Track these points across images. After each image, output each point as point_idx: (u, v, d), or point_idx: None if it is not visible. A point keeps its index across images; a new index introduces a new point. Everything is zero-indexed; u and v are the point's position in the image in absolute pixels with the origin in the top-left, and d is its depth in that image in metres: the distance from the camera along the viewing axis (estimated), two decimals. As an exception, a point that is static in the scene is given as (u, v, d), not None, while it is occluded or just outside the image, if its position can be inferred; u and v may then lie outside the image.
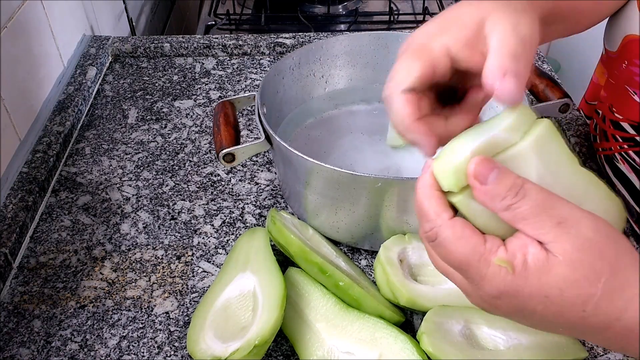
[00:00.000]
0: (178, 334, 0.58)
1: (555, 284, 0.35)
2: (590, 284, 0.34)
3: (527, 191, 0.35)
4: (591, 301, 0.35)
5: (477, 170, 0.36)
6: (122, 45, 0.99)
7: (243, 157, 0.63)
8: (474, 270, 0.36)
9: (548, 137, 0.38)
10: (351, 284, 0.56)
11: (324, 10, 1.28)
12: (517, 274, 0.35)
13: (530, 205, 0.35)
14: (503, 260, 0.35)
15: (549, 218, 0.35)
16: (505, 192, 0.35)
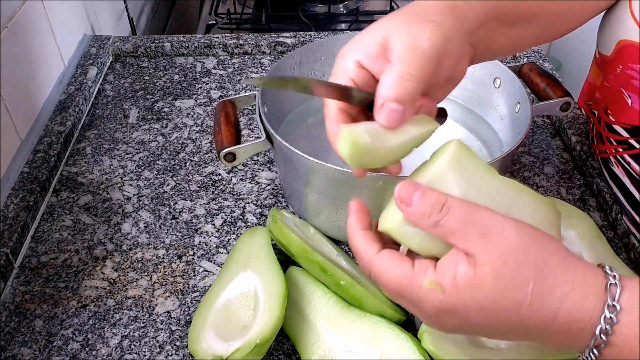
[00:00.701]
0: (179, 333, 0.58)
1: (487, 295, 0.37)
2: (518, 290, 0.36)
3: (451, 206, 0.38)
4: (523, 305, 0.36)
5: (401, 193, 0.38)
6: (122, 44, 0.99)
7: (244, 157, 0.63)
8: (408, 295, 0.39)
9: (460, 154, 0.41)
10: (352, 283, 0.56)
11: (324, 9, 1.28)
12: (447, 293, 0.37)
13: (455, 218, 0.37)
14: (432, 282, 0.37)
15: (474, 229, 0.37)
16: (430, 209, 0.38)
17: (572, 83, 1.02)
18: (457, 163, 0.40)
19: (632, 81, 0.62)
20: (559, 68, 1.77)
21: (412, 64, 0.41)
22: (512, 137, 0.68)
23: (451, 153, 0.40)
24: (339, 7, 1.29)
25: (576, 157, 0.77)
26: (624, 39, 0.61)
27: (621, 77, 0.64)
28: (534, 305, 0.36)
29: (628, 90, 0.63)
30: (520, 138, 0.60)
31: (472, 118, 0.76)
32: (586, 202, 0.72)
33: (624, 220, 0.67)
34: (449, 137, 0.75)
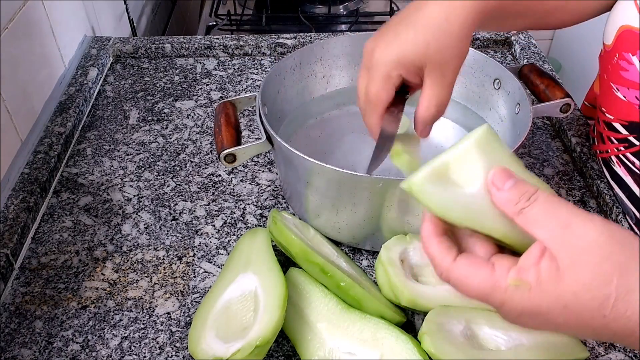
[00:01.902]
0: (179, 335, 0.58)
1: (569, 289, 0.36)
2: (602, 285, 0.35)
3: (538, 196, 0.38)
4: (608, 304, 0.35)
5: (495, 178, 0.40)
6: (123, 46, 0.99)
7: (244, 158, 0.63)
8: (492, 299, 0.39)
9: (488, 138, 0.41)
10: (352, 285, 0.56)
11: (324, 10, 1.28)
12: (533, 290, 0.37)
13: (539, 208, 0.38)
14: (517, 280, 0.37)
15: (556, 221, 0.37)
16: (519, 197, 0.38)
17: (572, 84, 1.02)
18: (484, 146, 0.41)
19: (621, 72, 0.62)
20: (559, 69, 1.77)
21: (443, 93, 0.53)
22: (512, 138, 0.68)
23: (479, 136, 0.41)
24: (339, 8, 1.29)
25: (576, 159, 0.77)
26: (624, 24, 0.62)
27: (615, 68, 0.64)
28: (618, 306, 0.35)
29: (617, 84, 0.64)
30: (521, 139, 0.60)
31: (472, 119, 0.76)
32: (586, 203, 0.72)
33: (625, 221, 0.67)
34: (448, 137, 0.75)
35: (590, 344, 0.57)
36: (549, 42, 1.85)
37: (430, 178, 0.41)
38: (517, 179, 0.39)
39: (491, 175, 0.40)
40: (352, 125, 0.77)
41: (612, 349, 0.56)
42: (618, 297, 0.35)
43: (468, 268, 0.39)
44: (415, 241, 0.61)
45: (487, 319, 0.55)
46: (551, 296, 0.36)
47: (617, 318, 0.35)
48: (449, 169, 0.41)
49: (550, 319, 0.37)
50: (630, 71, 0.62)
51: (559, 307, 0.36)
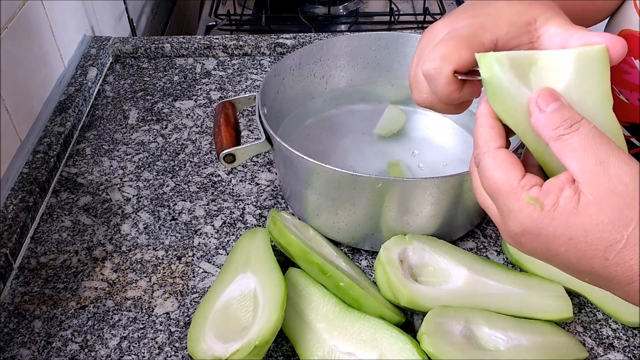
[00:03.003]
0: (179, 335, 0.58)
1: (581, 225, 0.35)
2: (615, 229, 0.34)
3: (581, 126, 0.36)
4: (615, 248, 0.35)
5: (539, 99, 0.37)
6: (122, 45, 0.99)
7: (243, 158, 0.63)
8: (503, 201, 0.38)
9: (596, 59, 0.38)
10: (352, 285, 0.56)
11: (324, 10, 1.28)
12: (544, 213, 0.36)
13: (579, 138, 0.36)
14: (533, 198, 0.36)
15: (593, 155, 0.35)
16: (560, 122, 0.36)
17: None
18: (585, 64, 0.38)
19: (624, 76, 0.63)
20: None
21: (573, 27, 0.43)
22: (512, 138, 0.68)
23: (588, 51, 0.38)
24: (338, 8, 1.29)
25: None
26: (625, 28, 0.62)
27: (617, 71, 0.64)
28: (624, 252, 0.34)
29: (619, 87, 0.64)
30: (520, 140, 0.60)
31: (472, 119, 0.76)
32: (586, 204, 0.72)
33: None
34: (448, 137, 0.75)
35: (589, 345, 0.57)
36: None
37: (510, 62, 0.38)
38: (564, 103, 0.37)
39: (535, 95, 0.37)
40: (351, 125, 0.77)
41: (612, 349, 0.56)
42: (627, 244, 0.34)
43: (502, 161, 0.38)
44: (414, 241, 0.61)
45: (486, 319, 0.55)
46: (560, 225, 0.36)
47: (618, 263, 0.35)
48: (534, 66, 0.38)
49: (552, 246, 0.37)
50: (633, 74, 0.62)
51: (565, 237, 0.36)
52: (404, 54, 0.76)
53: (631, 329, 0.58)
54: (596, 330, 0.58)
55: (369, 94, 0.79)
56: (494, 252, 0.65)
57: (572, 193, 0.35)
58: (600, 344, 0.57)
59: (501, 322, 0.55)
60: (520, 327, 0.55)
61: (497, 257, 0.65)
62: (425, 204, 0.59)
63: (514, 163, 0.38)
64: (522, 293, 0.58)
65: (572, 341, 0.55)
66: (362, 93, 0.79)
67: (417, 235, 0.62)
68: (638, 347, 0.57)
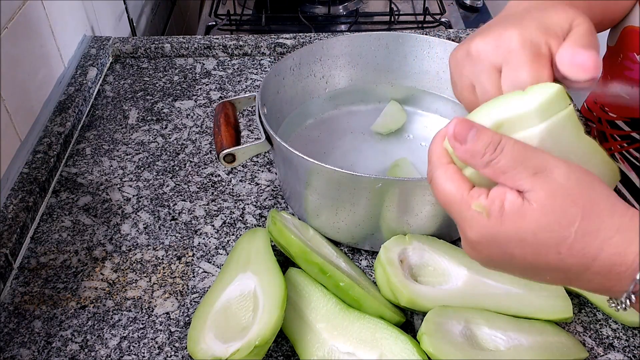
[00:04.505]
0: (178, 335, 0.58)
1: (529, 229, 0.37)
2: (562, 228, 0.36)
3: (504, 146, 0.38)
4: (565, 243, 0.36)
5: (456, 131, 0.39)
6: (122, 45, 0.99)
7: (243, 158, 0.63)
8: (456, 212, 0.39)
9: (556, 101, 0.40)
10: (352, 285, 0.56)
11: (324, 10, 1.28)
12: (493, 218, 0.38)
13: (507, 159, 0.37)
14: (480, 205, 0.38)
15: (525, 169, 0.37)
16: (484, 149, 0.38)
17: (572, 85, 1.02)
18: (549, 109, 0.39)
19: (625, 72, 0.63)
20: (559, 70, 1.77)
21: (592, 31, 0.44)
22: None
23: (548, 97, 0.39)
24: (338, 8, 1.29)
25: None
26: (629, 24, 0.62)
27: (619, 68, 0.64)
28: (575, 245, 0.36)
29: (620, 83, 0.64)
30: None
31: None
32: (586, 203, 0.72)
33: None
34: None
35: (589, 345, 0.57)
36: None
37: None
38: (479, 127, 0.38)
39: (451, 128, 0.39)
40: (351, 125, 0.77)
41: (612, 349, 0.56)
42: (576, 238, 0.36)
43: (452, 175, 0.40)
44: (414, 241, 0.61)
45: (486, 319, 0.55)
46: (510, 229, 0.37)
47: (572, 255, 0.37)
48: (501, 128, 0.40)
49: (507, 249, 0.38)
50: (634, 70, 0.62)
51: (516, 239, 0.37)
52: (404, 54, 0.76)
53: (631, 329, 0.58)
54: (596, 330, 0.58)
55: (369, 94, 0.79)
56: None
57: (515, 196, 0.37)
58: (600, 344, 0.57)
59: (501, 322, 0.55)
60: (520, 327, 0.55)
61: (497, 257, 0.65)
62: (425, 204, 0.59)
63: (462, 178, 0.40)
64: (522, 293, 0.58)
65: (572, 341, 0.55)
66: (362, 93, 0.79)
67: (417, 235, 0.62)
68: (638, 347, 0.57)
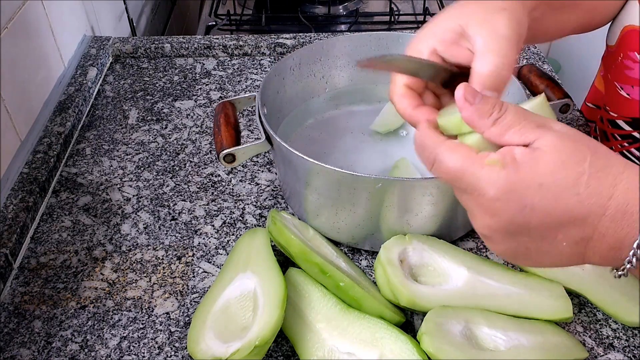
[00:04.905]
0: (178, 335, 0.58)
1: (546, 169, 0.37)
2: (576, 163, 0.37)
3: (508, 106, 0.40)
4: (582, 179, 0.37)
5: (465, 93, 0.40)
6: (122, 45, 0.99)
7: (243, 158, 0.63)
8: (469, 175, 0.39)
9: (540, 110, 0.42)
10: (352, 285, 0.56)
11: (324, 10, 1.28)
12: (508, 168, 0.38)
13: (512, 115, 0.39)
14: (493, 160, 0.39)
15: (529, 123, 0.39)
16: (491, 108, 0.40)
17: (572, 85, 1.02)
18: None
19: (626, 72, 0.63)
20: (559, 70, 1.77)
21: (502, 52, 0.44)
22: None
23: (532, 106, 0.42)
24: (338, 8, 1.29)
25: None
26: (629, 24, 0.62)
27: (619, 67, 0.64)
28: (591, 182, 0.37)
29: (621, 83, 0.64)
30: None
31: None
32: (586, 203, 0.72)
33: None
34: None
35: (589, 345, 0.57)
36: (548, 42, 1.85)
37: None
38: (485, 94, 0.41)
39: (460, 91, 0.40)
40: (351, 125, 0.77)
41: (612, 349, 0.56)
42: (591, 174, 0.37)
43: (455, 146, 0.41)
44: (414, 241, 0.61)
45: (486, 319, 0.55)
46: (527, 174, 0.38)
47: (590, 194, 0.37)
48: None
49: (526, 200, 0.38)
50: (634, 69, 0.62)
51: (534, 185, 0.38)
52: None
53: (631, 329, 0.58)
54: (596, 330, 0.58)
55: (369, 94, 0.79)
56: (493, 252, 0.65)
57: (523, 148, 0.38)
58: (600, 344, 0.57)
59: (501, 322, 0.55)
60: (520, 327, 0.55)
61: (497, 257, 0.65)
62: (425, 204, 0.59)
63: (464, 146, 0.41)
64: (522, 293, 0.58)
65: (572, 341, 0.55)
66: (362, 93, 0.79)
67: (417, 235, 0.62)
68: (638, 347, 0.57)
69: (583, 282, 0.59)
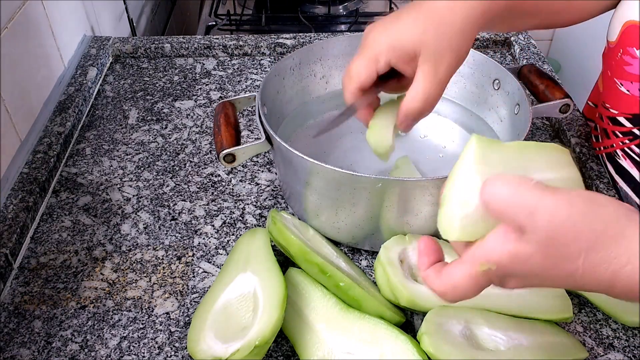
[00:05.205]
0: (178, 335, 0.58)
1: (537, 267, 0.37)
2: (569, 262, 0.37)
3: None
4: (576, 274, 0.37)
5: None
6: (122, 45, 0.99)
7: (243, 158, 0.63)
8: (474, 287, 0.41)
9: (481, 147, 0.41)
10: (352, 285, 0.56)
11: (324, 10, 1.28)
12: (498, 267, 0.39)
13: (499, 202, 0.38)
14: (483, 263, 0.39)
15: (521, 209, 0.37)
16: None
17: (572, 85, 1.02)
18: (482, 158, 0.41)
19: (625, 68, 0.63)
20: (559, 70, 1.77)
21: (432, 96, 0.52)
22: (512, 138, 0.68)
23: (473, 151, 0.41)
24: (338, 8, 1.29)
25: (575, 159, 0.77)
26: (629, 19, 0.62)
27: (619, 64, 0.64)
28: (586, 276, 0.37)
29: (621, 79, 0.64)
30: (520, 140, 0.60)
31: (472, 119, 0.76)
32: (585, 203, 0.72)
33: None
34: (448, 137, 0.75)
35: (589, 345, 0.57)
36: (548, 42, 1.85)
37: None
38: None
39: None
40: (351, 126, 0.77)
41: (612, 349, 0.56)
42: (586, 270, 0.36)
43: (434, 274, 0.42)
44: (414, 241, 0.61)
45: (486, 319, 0.55)
46: (518, 270, 0.38)
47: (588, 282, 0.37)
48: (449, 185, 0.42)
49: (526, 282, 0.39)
50: (634, 65, 0.62)
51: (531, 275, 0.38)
52: (404, 54, 0.76)
53: (631, 329, 0.58)
54: (596, 330, 0.58)
55: (369, 94, 0.79)
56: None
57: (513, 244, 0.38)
58: (600, 344, 0.57)
59: (501, 322, 0.55)
60: (520, 327, 0.55)
61: (497, 257, 0.65)
62: (425, 204, 0.59)
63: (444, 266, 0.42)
64: (522, 293, 0.58)
65: (572, 341, 0.55)
66: (362, 93, 0.79)
67: (417, 235, 0.62)
68: (638, 347, 0.57)
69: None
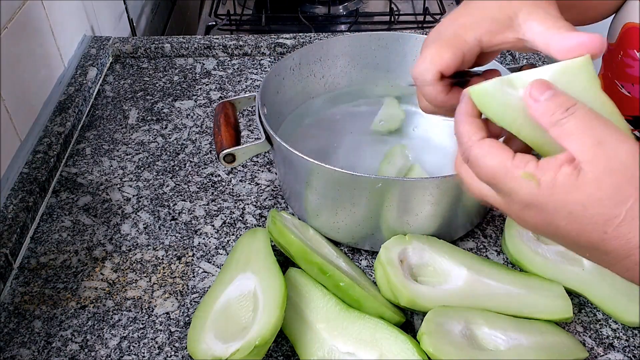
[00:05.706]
0: (178, 335, 0.58)
1: (580, 201, 0.36)
2: (614, 205, 0.35)
3: (577, 110, 0.37)
4: (613, 223, 0.36)
5: (532, 89, 0.39)
6: (122, 45, 0.99)
7: (243, 158, 0.63)
8: (502, 183, 0.39)
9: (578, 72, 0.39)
10: (352, 285, 0.56)
11: (324, 10, 1.28)
12: (542, 188, 0.37)
13: (576, 121, 0.37)
14: (529, 174, 0.38)
15: (590, 137, 0.36)
16: (556, 108, 0.38)
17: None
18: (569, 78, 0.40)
19: (626, 70, 0.63)
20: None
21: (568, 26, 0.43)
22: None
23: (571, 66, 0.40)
24: (338, 8, 1.29)
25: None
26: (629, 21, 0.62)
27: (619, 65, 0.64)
28: (622, 227, 0.36)
29: (621, 80, 0.64)
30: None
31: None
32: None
33: None
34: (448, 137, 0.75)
35: (589, 345, 0.57)
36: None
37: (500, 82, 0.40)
38: (557, 90, 0.38)
39: (529, 87, 0.39)
40: (351, 125, 0.77)
41: (612, 349, 0.56)
42: (625, 219, 0.35)
43: (490, 148, 0.39)
44: (414, 241, 0.61)
45: (486, 319, 0.55)
46: (560, 200, 0.37)
47: (617, 237, 0.36)
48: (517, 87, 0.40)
49: (553, 220, 0.38)
50: (635, 67, 0.62)
51: (564, 211, 0.37)
52: (404, 54, 0.76)
53: (631, 329, 0.58)
54: (596, 330, 0.58)
55: (369, 94, 0.79)
56: (494, 252, 0.65)
57: (570, 170, 0.37)
58: (600, 344, 0.57)
59: (501, 322, 0.55)
60: (520, 327, 0.55)
61: (497, 257, 0.65)
62: (425, 204, 0.59)
63: (501, 147, 0.40)
64: (522, 293, 0.58)
65: (572, 341, 0.55)
66: (362, 93, 0.79)
67: (417, 235, 0.62)
68: (638, 347, 0.57)
69: (583, 282, 0.59)
